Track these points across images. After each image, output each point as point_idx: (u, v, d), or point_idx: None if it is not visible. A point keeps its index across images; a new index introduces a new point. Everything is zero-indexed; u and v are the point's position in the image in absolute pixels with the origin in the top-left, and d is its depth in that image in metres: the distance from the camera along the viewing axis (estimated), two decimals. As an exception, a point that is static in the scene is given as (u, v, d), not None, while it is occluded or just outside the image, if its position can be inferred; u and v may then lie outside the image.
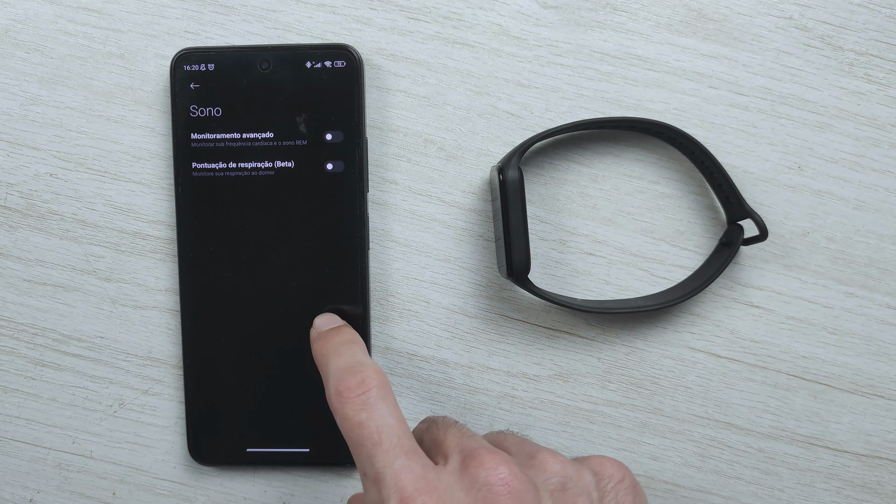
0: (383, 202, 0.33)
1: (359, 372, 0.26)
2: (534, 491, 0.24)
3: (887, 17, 0.33)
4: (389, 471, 0.24)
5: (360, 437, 0.25)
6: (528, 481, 0.24)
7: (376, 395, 0.25)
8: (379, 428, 0.24)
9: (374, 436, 0.24)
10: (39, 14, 0.33)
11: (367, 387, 0.25)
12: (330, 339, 0.29)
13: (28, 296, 0.34)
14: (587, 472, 0.26)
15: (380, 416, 0.25)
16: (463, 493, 0.24)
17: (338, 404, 0.25)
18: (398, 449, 0.24)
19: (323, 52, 0.32)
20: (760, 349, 0.34)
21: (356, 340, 0.29)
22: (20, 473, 0.34)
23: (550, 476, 0.25)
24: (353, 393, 0.25)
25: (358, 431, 0.25)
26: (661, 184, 0.34)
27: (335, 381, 0.26)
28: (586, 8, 0.33)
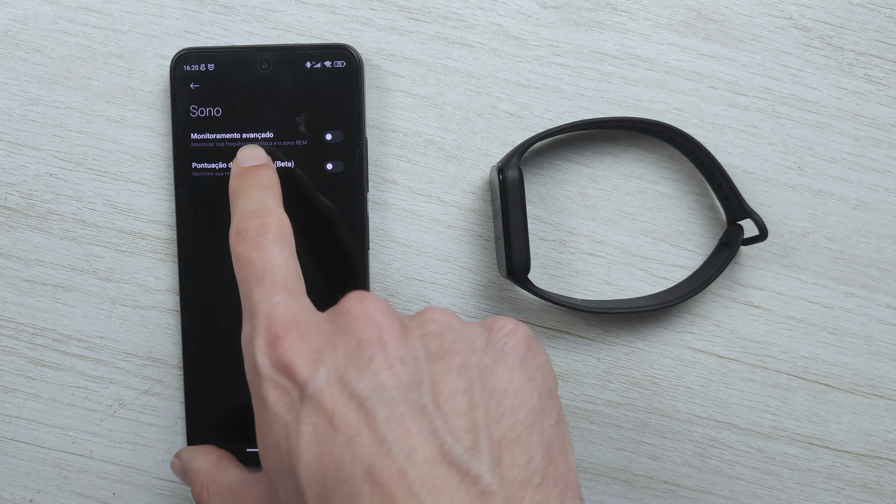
0: (383, 202, 0.33)
1: (262, 216, 0.26)
2: (400, 327, 0.23)
3: (887, 17, 0.33)
4: (265, 304, 0.24)
5: (246, 274, 0.25)
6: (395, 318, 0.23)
7: (272, 239, 0.25)
8: (265, 266, 0.25)
9: (259, 272, 0.25)
10: (39, 14, 0.33)
11: (266, 230, 0.26)
12: (246, 178, 0.28)
13: (28, 296, 0.34)
14: (476, 325, 0.25)
15: (269, 257, 0.25)
16: (328, 324, 0.24)
17: (234, 243, 0.26)
18: (280, 286, 0.24)
19: (323, 52, 0.32)
20: (760, 349, 0.34)
21: (271, 185, 0.28)
22: (20, 473, 0.34)
23: (428, 322, 0.24)
24: (250, 234, 0.25)
25: (246, 268, 0.25)
26: (661, 184, 0.34)
27: (238, 221, 0.26)
28: (586, 8, 0.33)
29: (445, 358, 0.23)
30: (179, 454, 0.30)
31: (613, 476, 0.34)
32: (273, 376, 0.23)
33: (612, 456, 0.34)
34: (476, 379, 0.23)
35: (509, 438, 0.22)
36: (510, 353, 0.24)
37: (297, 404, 0.22)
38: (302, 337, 0.23)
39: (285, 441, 0.22)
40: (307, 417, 0.22)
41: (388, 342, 0.22)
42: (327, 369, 0.22)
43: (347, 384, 0.22)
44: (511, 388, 0.23)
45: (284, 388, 0.22)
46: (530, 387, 0.23)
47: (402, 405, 0.21)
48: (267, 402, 0.23)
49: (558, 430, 0.23)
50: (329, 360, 0.22)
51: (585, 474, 0.34)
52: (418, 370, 0.22)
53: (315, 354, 0.23)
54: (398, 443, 0.21)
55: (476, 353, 0.23)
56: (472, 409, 0.22)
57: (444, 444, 0.21)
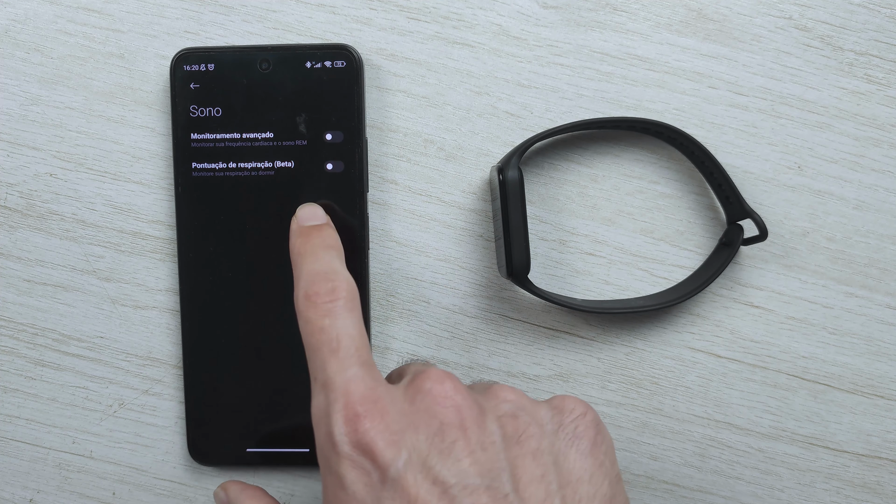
0: (383, 202, 0.33)
1: (332, 280, 0.25)
2: (478, 410, 0.23)
3: (887, 17, 0.33)
4: (340, 378, 0.23)
5: (318, 342, 0.24)
6: (473, 400, 0.23)
7: (343, 306, 0.25)
8: (339, 336, 0.24)
9: (333, 342, 0.24)
10: (39, 14, 0.33)
11: (337, 296, 0.25)
12: (310, 238, 0.28)
13: (28, 296, 0.34)
14: (545, 406, 0.25)
15: (342, 325, 0.24)
16: (407, 403, 0.23)
17: (304, 307, 0.25)
18: (354, 358, 0.24)
19: (323, 52, 0.32)
20: (760, 349, 0.34)
21: (336, 246, 0.28)
22: (20, 473, 0.34)
23: (502, 402, 0.24)
24: (321, 299, 0.25)
25: (318, 336, 0.24)
26: (661, 184, 0.34)
27: (305, 284, 0.25)
28: (586, 8, 0.33)
29: (521, 442, 0.23)
30: (227, 487, 0.29)
31: (613, 476, 0.34)
32: (353, 455, 0.22)
33: (612, 456, 0.34)
34: (551, 465, 0.23)
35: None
36: (581, 436, 0.24)
37: (379, 486, 0.22)
38: (382, 416, 0.23)
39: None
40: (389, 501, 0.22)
41: (469, 427, 0.22)
42: (409, 452, 0.22)
43: (430, 469, 0.22)
44: (585, 475, 0.23)
45: (364, 468, 0.22)
46: (601, 473, 0.23)
47: (484, 494, 0.22)
48: (345, 482, 0.22)
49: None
50: (410, 442, 0.22)
51: (585, 474, 0.34)
52: (497, 456, 0.22)
53: (396, 436, 0.22)
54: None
55: (548, 437, 0.24)
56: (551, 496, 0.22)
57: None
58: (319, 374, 0.24)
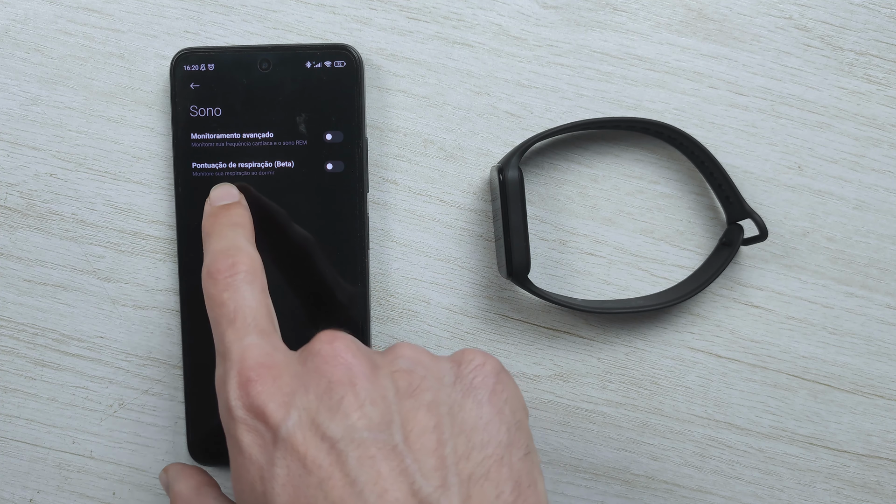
0: (383, 202, 0.33)
1: (232, 256, 0.26)
2: (370, 366, 0.23)
3: (887, 17, 0.33)
4: (237, 346, 0.24)
5: (218, 315, 0.25)
6: (365, 357, 0.24)
7: (242, 279, 0.26)
8: (237, 308, 0.25)
9: (231, 314, 0.25)
10: (39, 14, 0.33)
11: (236, 270, 0.26)
12: (218, 218, 0.29)
13: (28, 296, 0.34)
14: (446, 360, 0.25)
15: (241, 298, 0.25)
16: (300, 365, 0.24)
17: (206, 284, 0.26)
18: (251, 328, 0.25)
19: (323, 52, 0.32)
20: (760, 349, 0.34)
21: (242, 224, 0.28)
22: (20, 473, 0.34)
23: (398, 358, 0.24)
24: (221, 275, 0.26)
25: (218, 310, 0.25)
26: (661, 184, 0.34)
27: (208, 262, 0.26)
28: (586, 8, 0.33)
29: (415, 395, 0.23)
30: (167, 469, 0.30)
31: (613, 476, 0.34)
32: (246, 419, 0.23)
33: (612, 456, 0.34)
34: (446, 415, 0.23)
35: (478, 474, 0.22)
36: (479, 386, 0.24)
37: (271, 447, 0.22)
38: (274, 380, 0.23)
39: (259, 483, 0.22)
40: (280, 460, 0.22)
41: (358, 382, 0.23)
42: (299, 412, 0.23)
43: (319, 426, 0.22)
44: (480, 423, 0.23)
45: (258, 430, 0.23)
46: (499, 420, 0.23)
47: (372, 446, 0.22)
48: (241, 445, 0.23)
49: (527, 462, 0.23)
50: (301, 402, 0.23)
51: (585, 474, 0.34)
52: (388, 409, 0.23)
53: (287, 397, 0.23)
54: (369, 484, 0.21)
55: (445, 389, 0.24)
56: (442, 446, 0.22)
57: (413, 483, 0.21)
58: (219, 346, 0.25)
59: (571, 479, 0.34)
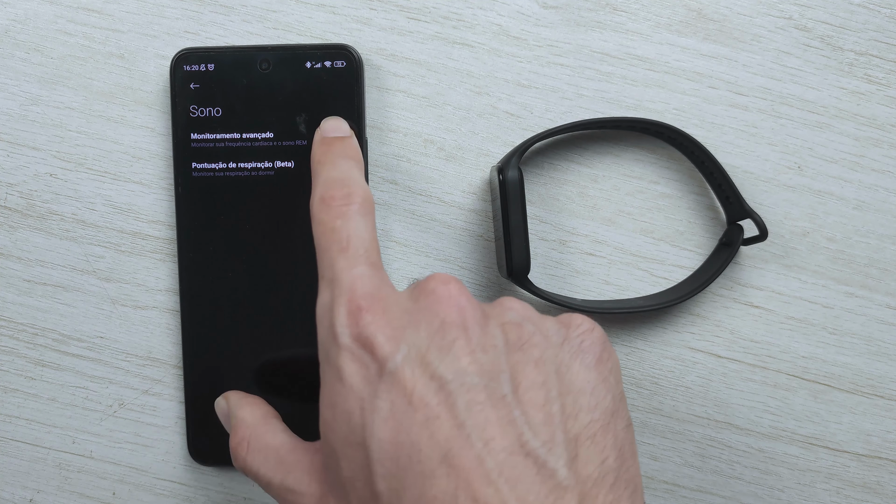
0: (383, 202, 0.33)
1: (348, 185, 0.26)
2: (481, 314, 0.23)
3: (887, 17, 0.33)
4: (347, 275, 0.23)
5: (329, 242, 0.25)
6: (477, 305, 0.23)
7: (357, 210, 0.25)
8: (350, 236, 0.24)
9: (343, 241, 0.24)
10: (39, 14, 0.33)
11: (352, 200, 0.25)
12: (332, 147, 0.28)
13: (28, 296, 0.34)
14: (553, 320, 0.24)
15: (354, 227, 0.25)
16: (411, 302, 0.23)
17: (318, 209, 0.25)
18: (363, 258, 0.24)
19: (323, 52, 0.32)
20: (760, 349, 0.34)
21: (356, 157, 0.28)
22: (20, 473, 0.34)
23: (507, 310, 0.24)
24: (335, 202, 0.25)
25: (329, 236, 0.25)
26: (661, 184, 0.34)
27: (322, 189, 0.26)
28: (586, 8, 0.33)
29: (524, 349, 0.23)
30: (227, 396, 0.29)
31: (613, 476, 0.34)
32: (353, 348, 0.22)
33: (612, 456, 0.34)
34: (553, 373, 0.23)
35: (585, 436, 0.22)
36: (587, 350, 0.24)
37: (376, 379, 0.22)
38: (384, 312, 0.23)
39: (359, 414, 0.22)
40: (385, 394, 0.21)
41: (471, 327, 0.22)
42: (409, 347, 0.22)
43: (429, 365, 0.22)
44: (587, 387, 0.23)
45: (363, 361, 0.22)
46: (605, 387, 0.23)
47: (482, 392, 0.21)
48: (343, 374, 0.22)
49: (629, 433, 0.23)
50: (411, 338, 0.22)
51: (585, 474, 0.34)
52: (498, 359, 0.22)
53: (397, 331, 0.22)
54: (477, 429, 0.21)
55: (553, 348, 0.23)
56: (550, 403, 0.22)
57: (521, 434, 0.21)
58: (327, 272, 0.24)
59: (571, 479, 0.34)
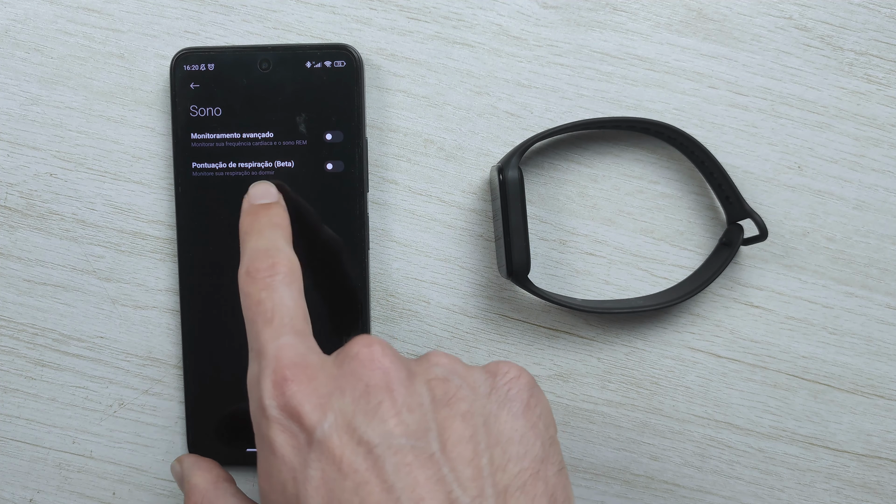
0: (383, 202, 0.33)
1: (272, 256, 0.26)
2: (406, 373, 0.23)
3: (887, 17, 0.33)
4: (272, 345, 0.24)
5: (254, 314, 0.25)
6: (402, 364, 0.23)
7: (281, 280, 0.25)
8: (274, 307, 0.25)
9: (268, 313, 0.25)
10: (39, 14, 0.33)
11: (276, 271, 0.26)
12: (258, 216, 0.28)
13: (28, 296, 0.34)
14: (480, 370, 0.25)
15: (279, 298, 0.25)
16: (335, 368, 0.24)
17: (244, 282, 0.26)
18: (288, 328, 0.24)
19: (323, 52, 0.32)
20: (760, 349, 0.34)
21: (282, 225, 0.28)
22: (20, 473, 0.34)
23: (433, 366, 0.24)
24: (260, 274, 0.26)
25: (255, 308, 0.25)
26: (661, 184, 0.34)
27: (248, 261, 0.26)
28: (586, 8, 0.33)
29: (451, 404, 0.23)
30: (181, 460, 0.30)
31: (613, 476, 0.34)
32: (280, 419, 0.23)
33: (612, 456, 0.34)
34: (481, 426, 0.23)
35: (514, 486, 0.22)
36: (514, 399, 0.24)
37: (305, 449, 0.22)
38: (309, 380, 0.23)
39: (292, 484, 0.22)
40: (315, 462, 0.22)
41: (396, 388, 0.23)
42: (335, 414, 0.22)
43: (355, 431, 0.22)
44: (515, 436, 0.23)
45: (292, 431, 0.22)
46: (534, 434, 0.23)
47: (409, 453, 0.22)
48: (274, 445, 0.23)
49: (561, 477, 0.23)
50: (337, 405, 0.22)
51: (585, 474, 0.34)
52: (425, 417, 0.22)
53: (323, 399, 0.23)
54: (406, 491, 0.21)
55: (480, 399, 0.23)
56: (478, 456, 0.22)
57: (451, 492, 0.21)
58: (254, 344, 0.25)
59: (571, 479, 0.34)
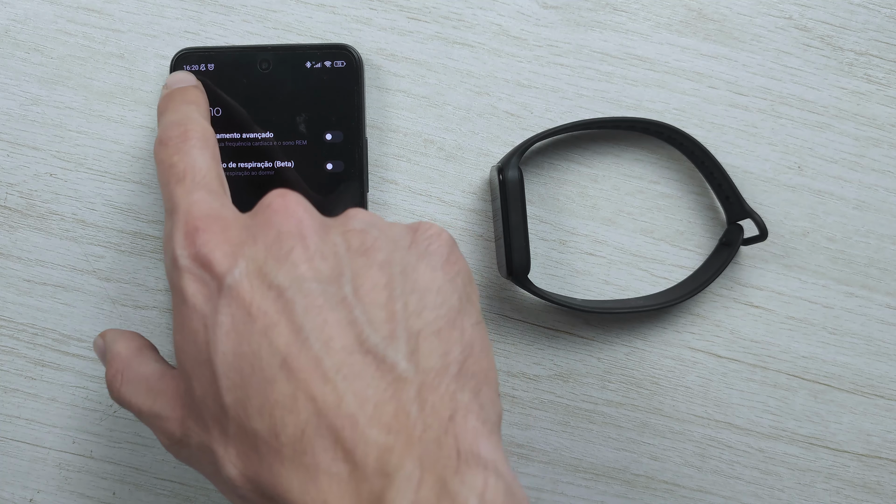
0: (383, 202, 0.33)
1: (184, 125, 0.26)
2: (321, 224, 0.23)
3: (887, 17, 0.33)
4: (184, 201, 0.24)
5: (167, 177, 0.25)
6: (318, 216, 0.23)
7: (194, 144, 0.25)
8: (186, 168, 0.25)
9: (180, 173, 0.25)
10: (39, 14, 0.33)
11: (188, 136, 0.26)
12: (173, 97, 0.28)
13: (28, 296, 0.34)
14: (401, 226, 0.25)
15: (191, 160, 0.25)
16: (249, 219, 0.24)
17: (157, 151, 0.26)
18: (200, 185, 0.24)
19: (323, 52, 0.32)
20: (760, 349, 0.34)
21: (196, 101, 0.28)
22: (20, 473, 0.34)
23: (351, 219, 0.24)
24: (172, 141, 0.26)
25: (167, 172, 0.25)
26: (661, 184, 0.34)
27: (160, 132, 0.26)
28: (586, 8, 0.33)
29: (368, 254, 0.23)
30: (104, 334, 0.29)
31: (613, 476, 0.34)
32: (191, 268, 0.23)
33: (612, 456, 0.34)
34: (398, 274, 0.23)
35: (428, 331, 0.22)
36: (434, 253, 0.24)
37: (216, 296, 0.22)
38: (222, 230, 0.23)
39: (203, 332, 0.22)
40: (225, 308, 0.22)
41: (308, 236, 0.23)
42: (246, 261, 0.22)
43: (266, 276, 0.22)
44: (433, 286, 0.23)
45: (203, 280, 0.22)
46: (451, 287, 0.23)
47: (320, 296, 0.22)
48: (185, 295, 0.23)
49: (479, 330, 0.23)
50: (248, 252, 0.22)
51: (585, 474, 0.34)
52: (339, 264, 0.22)
53: (234, 248, 0.23)
54: (315, 331, 0.21)
55: (399, 251, 0.23)
56: (392, 301, 0.22)
57: (361, 332, 0.21)
58: (168, 203, 0.24)
59: (571, 479, 0.34)
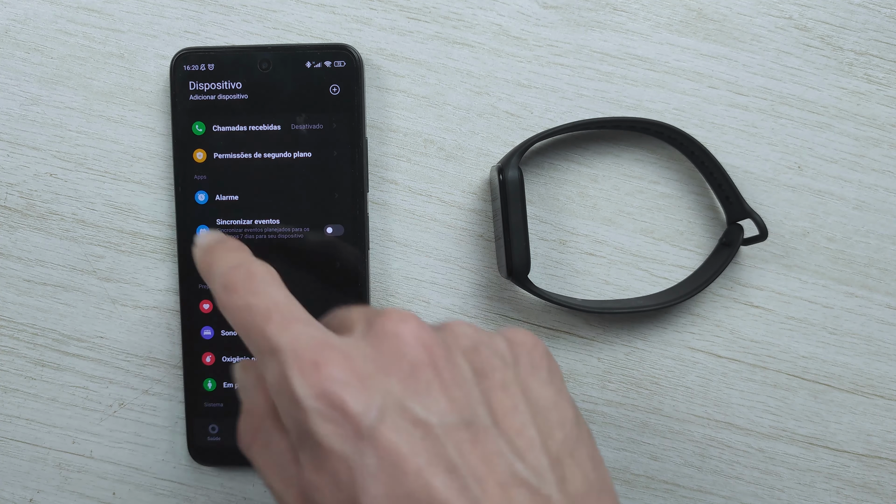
0: (383, 202, 0.33)
1: (244, 265, 0.23)
2: (445, 347, 0.22)
3: (887, 17, 0.33)
4: (285, 338, 0.21)
5: (249, 321, 0.22)
6: (438, 337, 0.22)
7: (263, 281, 0.23)
8: (269, 305, 0.22)
9: (264, 312, 0.22)
10: (39, 14, 0.33)
11: (254, 276, 0.23)
12: (213, 250, 0.25)
13: (28, 296, 0.34)
14: (500, 338, 0.24)
15: (268, 297, 0.22)
16: (370, 347, 0.22)
17: (224, 299, 0.23)
18: (291, 319, 0.22)
19: (323, 52, 0.32)
20: (760, 349, 0.34)
21: (241, 247, 0.26)
22: (20, 473, 0.34)
23: (461, 337, 0.23)
24: (239, 284, 0.23)
25: (246, 315, 0.22)
26: (661, 184, 0.34)
27: (220, 280, 0.23)
28: (586, 8, 0.33)
29: (488, 375, 0.22)
30: None
31: (613, 476, 0.34)
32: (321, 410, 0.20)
33: (612, 456, 0.34)
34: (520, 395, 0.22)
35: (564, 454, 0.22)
36: (539, 367, 0.23)
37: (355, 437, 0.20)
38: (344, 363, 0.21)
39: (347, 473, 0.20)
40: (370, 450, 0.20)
41: (441, 366, 0.21)
42: (383, 397, 0.20)
43: (408, 412, 0.20)
44: (550, 403, 0.23)
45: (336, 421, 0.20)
46: (563, 399, 0.23)
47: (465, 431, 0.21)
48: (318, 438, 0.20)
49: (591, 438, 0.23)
50: (382, 387, 0.21)
51: (585, 474, 0.34)
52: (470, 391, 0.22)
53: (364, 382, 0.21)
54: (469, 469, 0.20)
55: (509, 369, 0.23)
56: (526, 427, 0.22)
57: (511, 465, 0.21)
58: (263, 344, 0.22)
59: (571, 479, 0.34)
